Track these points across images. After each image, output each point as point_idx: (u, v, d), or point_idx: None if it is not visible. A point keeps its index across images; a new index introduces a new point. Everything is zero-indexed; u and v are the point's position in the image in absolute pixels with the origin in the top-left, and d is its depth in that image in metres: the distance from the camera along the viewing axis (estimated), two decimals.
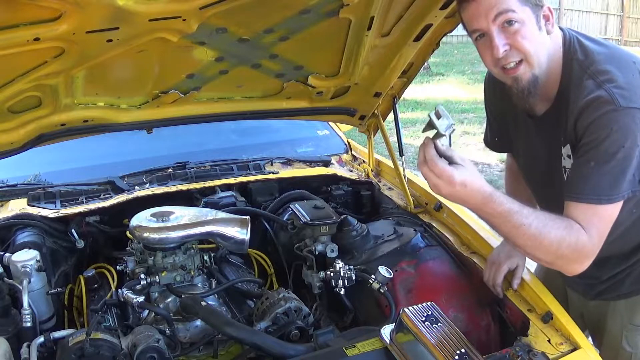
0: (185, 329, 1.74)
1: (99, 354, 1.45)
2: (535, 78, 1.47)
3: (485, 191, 1.36)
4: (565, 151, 1.54)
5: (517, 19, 1.40)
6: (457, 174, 1.33)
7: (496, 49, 1.43)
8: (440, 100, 9.37)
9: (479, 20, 1.44)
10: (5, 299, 1.64)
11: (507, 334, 1.71)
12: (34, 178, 2.46)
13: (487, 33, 1.44)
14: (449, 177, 1.33)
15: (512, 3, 1.39)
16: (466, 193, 1.35)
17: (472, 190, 1.35)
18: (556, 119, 1.54)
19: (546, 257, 1.43)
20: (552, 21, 1.47)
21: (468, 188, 1.35)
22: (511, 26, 1.41)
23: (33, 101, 1.72)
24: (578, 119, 1.44)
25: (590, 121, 1.40)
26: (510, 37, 1.42)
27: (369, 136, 2.52)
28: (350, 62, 1.93)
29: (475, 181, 1.35)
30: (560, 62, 1.51)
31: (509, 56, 1.45)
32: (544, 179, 1.70)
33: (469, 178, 1.35)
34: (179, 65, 1.75)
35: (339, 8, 1.59)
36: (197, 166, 2.46)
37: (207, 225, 1.78)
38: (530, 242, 1.40)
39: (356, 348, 1.41)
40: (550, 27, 1.47)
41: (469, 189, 1.35)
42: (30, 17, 1.28)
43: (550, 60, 1.49)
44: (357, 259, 1.96)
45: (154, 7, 1.32)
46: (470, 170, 1.36)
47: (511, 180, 2.07)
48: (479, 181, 1.36)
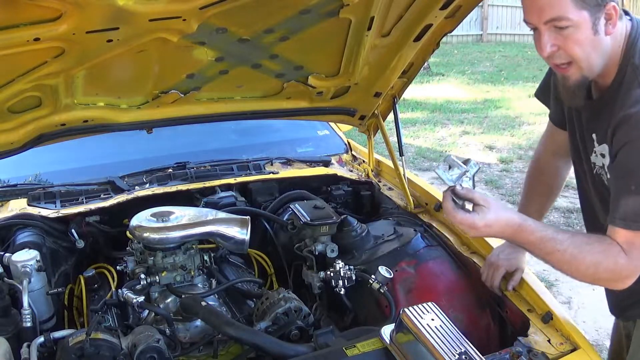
0: (185, 329, 1.74)
1: (99, 354, 1.45)
2: (585, 79, 1.42)
3: (514, 224, 1.40)
4: (599, 149, 1.49)
5: (570, 24, 1.32)
6: (477, 219, 1.38)
7: (542, 49, 1.38)
8: (440, 100, 9.37)
9: (532, 16, 1.37)
10: (5, 299, 1.64)
11: (507, 334, 1.71)
12: (34, 178, 2.46)
13: (538, 29, 1.38)
14: (471, 225, 1.39)
15: (567, 9, 1.30)
16: (494, 231, 1.41)
17: (499, 227, 1.40)
18: (597, 116, 1.49)
19: (584, 278, 1.45)
20: (615, 20, 1.36)
21: (494, 227, 1.40)
22: (563, 30, 1.33)
23: (33, 101, 1.72)
24: (616, 130, 1.39)
25: (627, 140, 1.36)
26: (560, 39, 1.35)
27: (369, 136, 2.52)
28: (350, 62, 1.93)
29: (500, 218, 1.39)
30: (617, 63, 1.43)
31: (557, 57, 1.39)
32: (578, 168, 1.70)
33: (492, 218, 1.38)
34: (179, 65, 1.75)
35: (339, 8, 1.59)
36: (197, 166, 2.46)
37: (207, 225, 1.79)
38: (566, 267, 1.42)
39: (356, 348, 1.41)
40: (610, 27, 1.36)
41: (495, 227, 1.40)
42: (30, 17, 1.28)
43: (605, 60, 1.40)
44: (357, 259, 1.96)
45: (154, 7, 1.32)
46: (493, 209, 1.39)
47: (534, 176, 1.94)
48: (504, 216, 1.40)
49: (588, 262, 1.38)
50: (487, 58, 13.64)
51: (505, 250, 1.77)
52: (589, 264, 1.38)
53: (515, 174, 6.20)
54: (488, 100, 9.55)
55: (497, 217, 1.39)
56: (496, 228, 1.40)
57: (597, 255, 1.38)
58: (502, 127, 7.95)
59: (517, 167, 6.40)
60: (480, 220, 1.38)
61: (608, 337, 3.38)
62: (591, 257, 1.38)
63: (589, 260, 1.38)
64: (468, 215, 1.39)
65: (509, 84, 10.77)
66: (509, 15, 16.27)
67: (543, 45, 1.37)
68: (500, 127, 7.95)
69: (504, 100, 9.51)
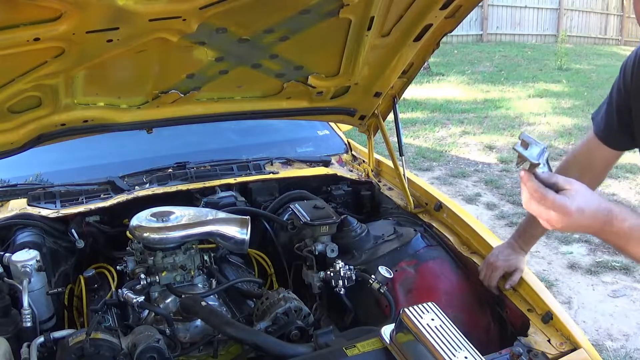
0: (185, 329, 1.74)
1: (99, 354, 1.45)
2: None
3: (604, 209, 1.19)
4: None
5: None
6: (570, 201, 1.16)
7: None
8: (440, 100, 9.37)
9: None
10: (5, 299, 1.64)
11: (507, 334, 1.71)
12: (34, 178, 2.46)
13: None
14: (563, 208, 1.16)
15: None
16: (585, 219, 1.18)
17: (591, 213, 1.18)
18: None
19: None
20: None
21: (586, 213, 1.18)
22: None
23: (33, 101, 1.72)
24: None
25: None
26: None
27: (369, 136, 2.52)
28: (350, 62, 1.93)
29: (591, 202, 1.19)
30: None
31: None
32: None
33: (584, 201, 1.18)
34: (179, 65, 1.75)
35: (339, 8, 1.59)
36: (197, 166, 2.46)
37: (207, 225, 1.79)
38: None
39: (356, 348, 1.41)
40: None
41: (587, 213, 1.18)
42: (30, 17, 1.28)
43: None
44: (357, 259, 1.96)
45: (154, 7, 1.32)
46: (582, 192, 1.19)
47: None
48: (595, 201, 1.19)
49: None
50: (487, 58, 13.64)
51: (504, 251, 1.77)
52: None
53: (515, 174, 6.20)
54: (488, 100, 9.55)
55: (588, 201, 1.17)
56: (588, 214, 1.17)
57: None
58: (502, 127, 7.95)
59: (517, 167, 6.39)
60: (573, 203, 1.15)
61: (608, 337, 3.40)
62: None
63: None
64: (560, 197, 1.15)
65: (509, 84, 10.77)
66: (509, 15, 16.28)
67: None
68: (500, 127, 7.95)
69: (504, 100, 9.51)
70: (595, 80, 11.22)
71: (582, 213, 1.16)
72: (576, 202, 1.15)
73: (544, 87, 10.60)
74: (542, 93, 10.07)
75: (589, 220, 1.18)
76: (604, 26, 17.40)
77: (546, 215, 1.17)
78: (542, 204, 1.16)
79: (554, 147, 7.05)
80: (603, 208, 1.19)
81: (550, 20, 16.48)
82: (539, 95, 9.94)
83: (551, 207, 1.16)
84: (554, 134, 7.60)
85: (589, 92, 9.92)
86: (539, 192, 1.16)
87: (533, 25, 16.48)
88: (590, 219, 1.18)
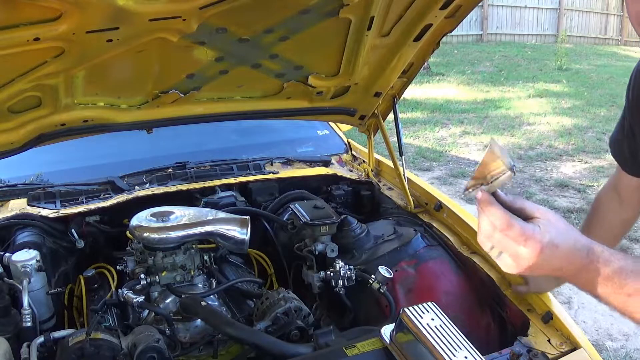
0: (185, 329, 1.74)
1: (99, 354, 1.45)
2: None
3: (583, 247, 0.94)
4: None
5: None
6: (540, 233, 0.91)
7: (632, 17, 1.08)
8: (440, 100, 9.37)
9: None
10: (5, 299, 1.64)
11: (507, 334, 1.71)
12: (34, 178, 2.46)
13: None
14: (533, 241, 0.90)
15: None
16: (558, 259, 0.93)
17: (566, 250, 0.93)
18: None
19: None
20: None
21: (561, 250, 0.92)
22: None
23: (33, 101, 1.71)
24: None
25: None
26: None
27: (369, 136, 2.52)
28: (350, 62, 1.93)
29: (568, 237, 0.93)
30: None
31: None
32: None
33: (558, 234, 0.92)
34: (179, 65, 1.75)
35: (339, 8, 1.59)
36: (197, 166, 2.46)
37: (207, 225, 1.79)
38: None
39: (356, 348, 1.41)
40: None
41: (562, 250, 0.92)
42: (30, 17, 1.28)
43: None
44: (357, 259, 1.96)
45: (154, 7, 1.32)
46: (555, 222, 0.93)
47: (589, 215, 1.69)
48: (571, 235, 0.94)
49: None
50: (487, 58, 13.64)
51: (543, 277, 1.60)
52: None
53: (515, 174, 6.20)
54: (488, 100, 9.55)
55: (562, 234, 0.92)
56: (563, 251, 0.92)
57: None
58: (502, 127, 7.96)
59: (517, 167, 6.40)
60: (543, 236, 0.90)
61: (608, 337, 3.40)
62: None
63: None
64: (529, 226, 0.91)
65: (509, 84, 10.78)
66: (509, 15, 16.28)
67: None
68: (500, 127, 7.95)
69: (504, 100, 9.51)
70: (595, 80, 11.22)
71: (555, 249, 0.91)
72: (549, 235, 0.91)
73: (544, 87, 10.60)
74: (542, 93, 10.07)
75: (563, 261, 0.93)
76: (604, 26, 17.40)
77: (513, 250, 0.92)
78: (507, 235, 0.91)
79: (554, 147, 7.06)
80: (582, 245, 0.94)
81: (550, 20, 16.48)
82: (539, 95, 9.94)
83: (518, 240, 0.90)
84: (554, 134, 7.60)
85: (589, 92, 9.92)
86: (504, 219, 0.90)
87: (533, 25, 16.47)
88: (564, 258, 0.93)
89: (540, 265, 0.92)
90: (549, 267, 0.93)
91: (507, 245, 0.92)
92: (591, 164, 6.30)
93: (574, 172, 6.19)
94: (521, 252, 0.91)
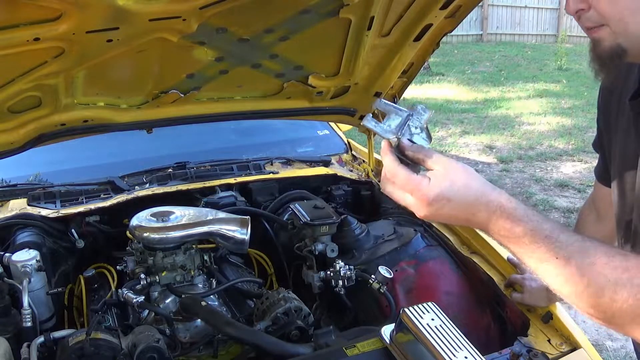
0: (185, 329, 1.74)
1: (99, 354, 1.45)
2: (621, 50, 1.01)
3: (489, 201, 0.93)
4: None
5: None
6: (428, 185, 0.92)
7: (567, 5, 1.04)
8: (440, 100, 9.37)
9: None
10: (5, 299, 1.64)
11: (507, 334, 1.71)
12: (34, 178, 2.46)
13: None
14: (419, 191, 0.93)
15: None
16: (456, 209, 0.93)
17: (464, 203, 0.92)
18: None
19: (596, 313, 0.90)
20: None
21: (454, 202, 0.92)
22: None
23: (33, 101, 1.71)
24: None
25: None
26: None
27: (369, 136, 2.52)
28: (350, 62, 1.93)
29: (468, 190, 0.93)
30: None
31: (586, 19, 1.03)
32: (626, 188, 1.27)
33: (451, 186, 0.92)
34: (179, 65, 1.75)
35: (339, 8, 1.59)
36: (197, 166, 2.46)
37: (207, 225, 1.79)
38: (568, 288, 0.90)
39: (356, 348, 1.41)
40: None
41: (456, 202, 0.92)
42: (30, 17, 1.28)
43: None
44: (357, 258, 1.96)
45: (154, 7, 1.32)
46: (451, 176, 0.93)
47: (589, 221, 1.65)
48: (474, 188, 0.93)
49: (604, 285, 0.86)
50: (487, 58, 13.65)
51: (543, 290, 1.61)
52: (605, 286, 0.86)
53: (515, 174, 6.20)
54: (488, 100, 9.55)
55: (460, 188, 0.92)
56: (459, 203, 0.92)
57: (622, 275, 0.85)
58: (502, 127, 7.96)
59: (517, 167, 6.40)
60: (433, 187, 0.91)
61: (608, 337, 3.39)
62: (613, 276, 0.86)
63: (604, 282, 0.86)
64: (418, 178, 0.93)
65: (509, 84, 10.78)
66: (509, 15, 16.29)
67: (568, 2, 1.03)
68: (500, 127, 7.95)
69: (504, 100, 9.52)
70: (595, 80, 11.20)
71: (446, 202, 0.92)
72: (439, 188, 0.92)
73: (544, 87, 10.60)
74: (542, 93, 10.07)
75: (461, 213, 0.93)
76: None
77: (401, 197, 0.95)
78: (394, 183, 0.95)
79: (554, 147, 7.06)
80: (487, 200, 0.92)
81: (550, 20, 16.48)
82: (539, 95, 9.94)
83: (404, 188, 0.94)
84: (554, 134, 7.60)
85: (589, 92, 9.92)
86: (390, 167, 0.95)
87: (533, 25, 16.48)
88: (462, 211, 0.93)
89: (433, 215, 0.95)
90: (446, 217, 0.95)
91: (395, 193, 0.97)
92: (591, 164, 6.30)
93: (574, 172, 6.20)
94: (408, 201, 0.95)
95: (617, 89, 1.28)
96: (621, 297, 0.85)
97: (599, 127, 1.44)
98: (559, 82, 11.01)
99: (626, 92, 1.23)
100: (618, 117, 1.30)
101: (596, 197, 1.62)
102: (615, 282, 0.85)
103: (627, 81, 1.23)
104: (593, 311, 0.89)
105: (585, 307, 0.90)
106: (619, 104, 1.29)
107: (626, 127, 1.25)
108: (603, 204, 1.55)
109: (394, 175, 0.95)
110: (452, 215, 0.94)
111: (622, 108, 1.27)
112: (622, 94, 1.27)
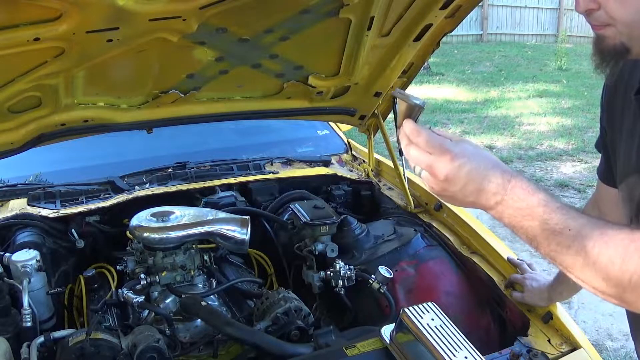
0: (185, 329, 1.74)
1: (99, 354, 1.45)
2: (624, 49, 1.04)
3: (505, 172, 0.97)
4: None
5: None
6: (450, 143, 0.97)
7: (577, 4, 1.05)
8: (440, 100, 9.37)
9: None
10: (5, 299, 1.64)
11: (507, 334, 1.71)
12: (34, 178, 2.46)
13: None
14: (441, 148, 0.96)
15: None
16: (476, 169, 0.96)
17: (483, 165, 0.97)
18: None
19: (609, 288, 0.90)
20: None
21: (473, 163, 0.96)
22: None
23: (33, 101, 1.72)
24: None
25: None
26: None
27: (369, 136, 2.52)
28: (350, 62, 1.93)
29: (486, 158, 0.98)
30: None
31: (594, 18, 1.04)
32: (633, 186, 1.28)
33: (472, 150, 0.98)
34: (179, 65, 1.75)
35: (339, 8, 1.59)
36: (197, 166, 2.46)
37: (207, 225, 1.79)
38: (580, 260, 0.91)
39: (356, 348, 1.41)
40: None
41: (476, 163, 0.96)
42: (30, 17, 1.28)
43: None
44: (357, 258, 1.96)
45: (154, 7, 1.32)
46: (469, 145, 1.00)
47: None
48: (491, 158, 0.99)
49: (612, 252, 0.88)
50: (487, 58, 13.65)
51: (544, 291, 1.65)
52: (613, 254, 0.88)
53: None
54: (488, 100, 9.55)
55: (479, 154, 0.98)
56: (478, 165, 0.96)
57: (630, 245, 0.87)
58: (502, 127, 7.96)
59: (517, 167, 6.40)
60: (457, 145, 0.97)
61: (608, 337, 3.40)
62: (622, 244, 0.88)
63: (613, 250, 0.88)
64: (440, 138, 0.98)
65: (509, 84, 10.78)
66: (509, 15, 16.29)
67: (577, 1, 1.04)
68: (500, 127, 7.95)
69: (504, 100, 9.52)
70: (595, 80, 11.19)
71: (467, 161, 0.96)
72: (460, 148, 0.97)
73: (543, 87, 10.60)
74: (542, 93, 10.07)
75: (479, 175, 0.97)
76: None
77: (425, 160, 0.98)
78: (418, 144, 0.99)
79: (554, 147, 7.06)
80: (502, 170, 0.97)
81: (550, 20, 16.47)
82: (539, 95, 9.94)
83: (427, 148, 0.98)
84: (554, 134, 7.61)
85: (589, 92, 9.92)
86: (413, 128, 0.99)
87: (533, 25, 16.47)
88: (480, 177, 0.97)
89: (454, 175, 0.96)
90: (464, 181, 0.96)
91: (419, 157, 0.98)
92: (591, 164, 6.30)
93: (574, 172, 6.20)
94: (430, 161, 0.97)
95: (622, 85, 1.29)
96: (631, 267, 0.86)
97: (603, 126, 1.43)
98: (559, 82, 11.01)
99: (631, 88, 1.24)
100: (623, 114, 1.31)
101: (599, 198, 1.59)
102: (624, 250, 0.87)
103: (632, 77, 1.24)
104: (605, 286, 0.90)
105: (598, 282, 0.90)
106: (624, 101, 1.30)
107: (631, 124, 1.27)
108: (607, 204, 1.53)
109: (418, 135, 0.98)
110: (469, 178, 0.96)
111: (628, 104, 1.28)
112: (627, 90, 1.27)
